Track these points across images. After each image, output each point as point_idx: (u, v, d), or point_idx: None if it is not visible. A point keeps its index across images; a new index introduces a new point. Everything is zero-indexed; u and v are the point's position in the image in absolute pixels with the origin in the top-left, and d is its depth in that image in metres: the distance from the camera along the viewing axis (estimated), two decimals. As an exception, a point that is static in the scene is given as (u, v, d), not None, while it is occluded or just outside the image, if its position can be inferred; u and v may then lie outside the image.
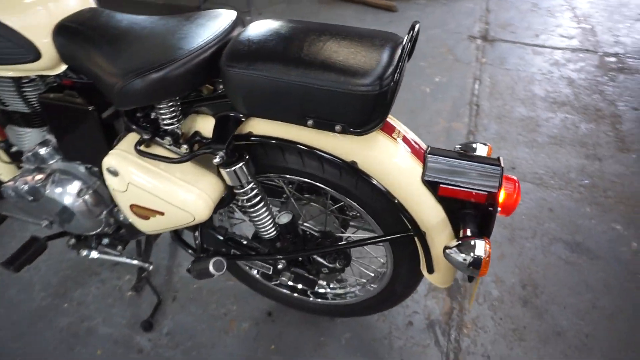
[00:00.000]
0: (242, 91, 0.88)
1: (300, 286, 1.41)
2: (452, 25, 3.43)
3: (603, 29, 3.41)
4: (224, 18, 0.99)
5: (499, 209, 0.94)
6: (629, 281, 1.66)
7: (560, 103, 2.61)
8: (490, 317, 1.55)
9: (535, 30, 3.38)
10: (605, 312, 1.56)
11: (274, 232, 1.11)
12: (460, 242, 0.92)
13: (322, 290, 1.41)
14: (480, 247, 0.89)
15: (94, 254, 1.41)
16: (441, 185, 0.97)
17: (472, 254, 0.90)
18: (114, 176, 1.02)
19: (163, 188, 1.01)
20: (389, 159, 0.96)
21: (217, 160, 0.95)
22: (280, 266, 1.17)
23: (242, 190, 1.03)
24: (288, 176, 1.09)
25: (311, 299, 1.43)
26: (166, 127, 1.00)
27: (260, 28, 0.94)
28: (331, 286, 1.39)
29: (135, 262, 1.43)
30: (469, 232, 0.95)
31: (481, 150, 1.08)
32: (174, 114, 0.99)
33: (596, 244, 1.79)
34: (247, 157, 1.00)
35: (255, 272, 1.47)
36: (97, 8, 1.07)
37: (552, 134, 2.38)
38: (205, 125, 1.03)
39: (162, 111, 0.97)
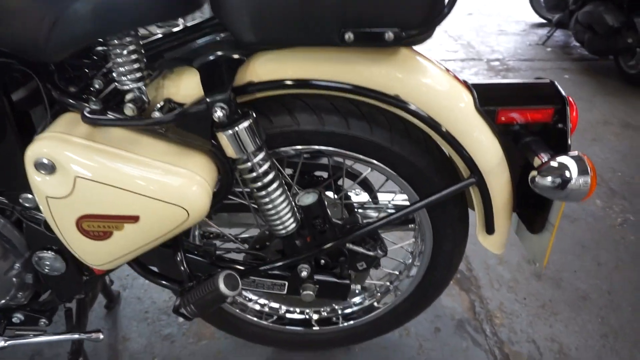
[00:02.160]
0: (249, 5, 0.62)
1: (316, 317, 1.09)
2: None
3: (477, 42, 3.79)
4: None
5: (570, 124, 0.79)
6: (611, 233, 1.64)
7: (473, 100, 2.73)
8: (513, 300, 1.37)
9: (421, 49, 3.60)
10: (610, 266, 1.50)
11: (294, 224, 0.81)
12: (543, 168, 0.74)
13: (348, 310, 1.10)
14: (578, 160, 0.72)
15: (0, 343, 0.93)
16: (500, 110, 0.79)
17: (567, 172, 0.72)
18: (48, 174, 0.65)
19: (134, 175, 0.66)
20: (437, 87, 0.76)
21: (218, 113, 0.66)
22: (304, 273, 0.86)
23: (248, 165, 0.73)
24: (298, 147, 0.82)
25: (340, 324, 1.11)
26: (126, 87, 0.68)
27: None
28: (360, 293, 1.09)
29: (76, 336, 0.97)
30: (545, 158, 0.77)
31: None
32: (137, 65, 0.67)
33: (567, 207, 1.77)
34: (254, 114, 0.71)
35: (247, 312, 1.11)
36: None
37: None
38: (179, 87, 0.73)
39: (119, 60, 0.65)
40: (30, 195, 0.78)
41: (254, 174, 0.74)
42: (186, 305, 0.76)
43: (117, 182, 0.65)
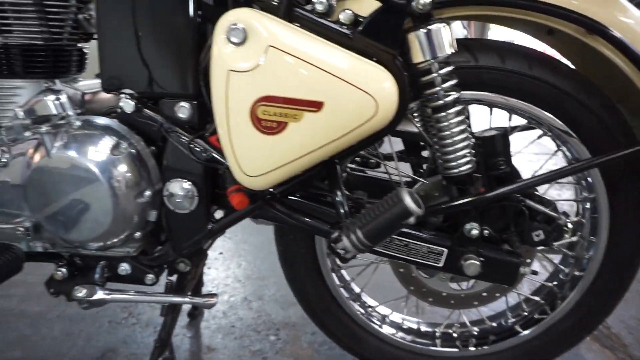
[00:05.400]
0: None
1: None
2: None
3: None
4: None
5: None
6: None
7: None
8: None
9: None
10: None
11: (469, 164, 0.70)
12: None
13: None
14: None
15: (100, 295, 0.80)
16: None
17: None
18: (238, 44, 0.60)
19: (328, 54, 0.61)
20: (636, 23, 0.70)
21: (419, 3, 0.61)
22: (474, 232, 0.71)
23: (432, 76, 0.66)
24: (471, 94, 0.76)
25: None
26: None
27: None
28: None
29: (186, 299, 0.82)
30: None
31: None
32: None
33: None
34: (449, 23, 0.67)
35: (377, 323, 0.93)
36: None
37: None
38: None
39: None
40: (186, 105, 0.73)
41: (436, 89, 0.66)
42: (350, 233, 0.63)
43: (310, 57, 0.60)
